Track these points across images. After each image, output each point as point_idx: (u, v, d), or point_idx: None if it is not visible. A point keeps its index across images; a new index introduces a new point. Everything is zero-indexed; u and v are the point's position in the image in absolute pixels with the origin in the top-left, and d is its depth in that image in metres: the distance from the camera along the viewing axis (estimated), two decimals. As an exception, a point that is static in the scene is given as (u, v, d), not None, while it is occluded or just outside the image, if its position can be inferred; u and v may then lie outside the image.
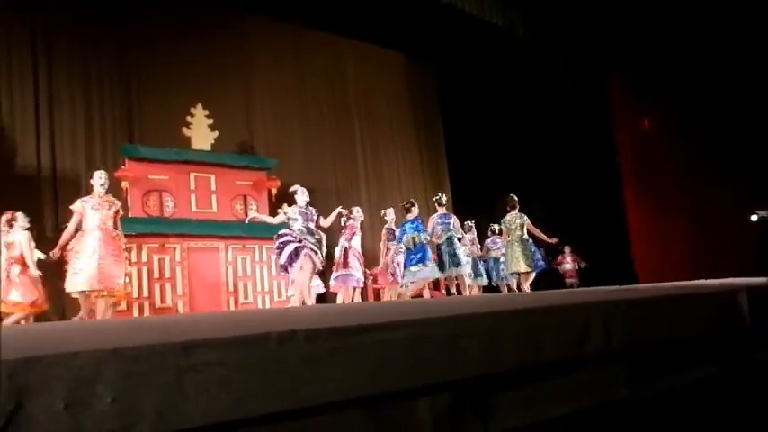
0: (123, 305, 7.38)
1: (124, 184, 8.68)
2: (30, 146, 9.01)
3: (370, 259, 10.19)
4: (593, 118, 12.11)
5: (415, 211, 7.72)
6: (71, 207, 6.38)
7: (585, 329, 1.41)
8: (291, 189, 7.33)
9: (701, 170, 10.50)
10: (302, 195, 7.13)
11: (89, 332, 1.63)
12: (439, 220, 7.91)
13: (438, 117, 14.09)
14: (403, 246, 7.67)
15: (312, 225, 6.99)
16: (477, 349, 1.27)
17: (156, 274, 8.21)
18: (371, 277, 10.27)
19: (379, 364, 1.13)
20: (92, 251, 6.00)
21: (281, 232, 7.04)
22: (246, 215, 9.45)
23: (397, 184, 13.14)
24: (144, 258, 8.16)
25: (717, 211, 10.10)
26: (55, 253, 6.18)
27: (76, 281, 5.94)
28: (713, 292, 2.03)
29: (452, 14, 10.54)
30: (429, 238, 7.63)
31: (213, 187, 9.32)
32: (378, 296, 10.40)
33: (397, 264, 8.39)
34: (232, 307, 8.83)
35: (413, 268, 7.47)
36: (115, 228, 6.41)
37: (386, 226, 8.82)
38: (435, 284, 9.61)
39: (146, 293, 8.08)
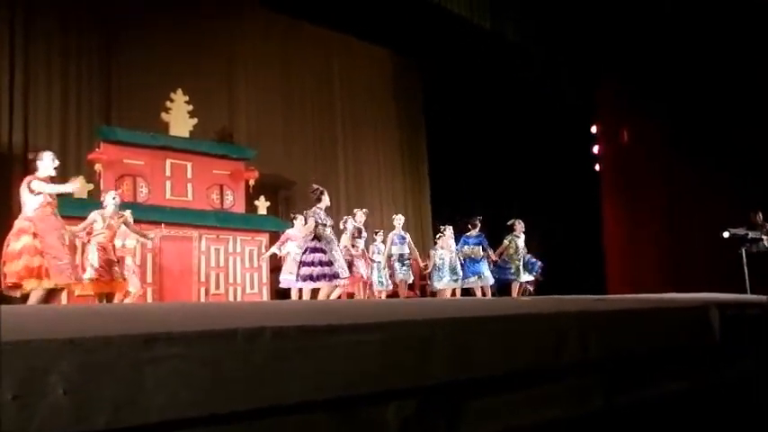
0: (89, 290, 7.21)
1: (98, 167, 8.53)
2: (2, 123, 8.81)
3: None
4: (576, 126, 12.21)
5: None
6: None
7: (561, 339, 1.39)
8: (314, 187, 7.03)
9: (678, 185, 10.65)
10: (326, 198, 6.95)
11: (46, 319, 1.58)
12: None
13: (421, 117, 14.10)
14: (462, 254, 9.21)
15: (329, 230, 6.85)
16: (449, 354, 1.24)
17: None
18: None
19: (347, 366, 1.11)
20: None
21: (315, 245, 6.74)
22: (222, 205, 9.36)
23: (376, 182, 13.13)
24: (115, 243, 8.01)
25: (690, 226, 10.25)
26: None
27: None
28: (686, 307, 2.04)
29: (441, 15, 10.54)
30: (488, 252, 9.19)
31: (189, 175, 9.20)
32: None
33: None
34: (203, 297, 8.73)
35: (478, 275, 9.07)
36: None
37: (355, 225, 8.64)
38: (410, 285, 9.63)
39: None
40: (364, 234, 8.48)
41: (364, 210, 8.57)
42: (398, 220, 8.89)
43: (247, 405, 1.01)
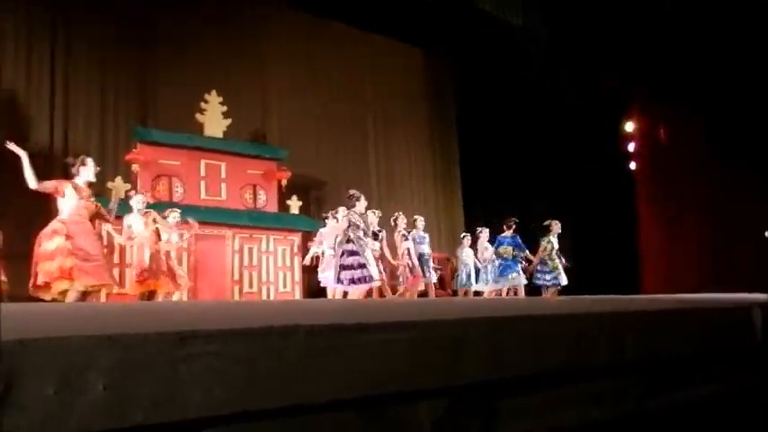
0: (127, 287, 7.36)
1: (135, 168, 8.70)
2: (43, 125, 9.06)
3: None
4: (610, 124, 12.01)
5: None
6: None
7: (595, 340, 1.37)
8: (351, 192, 7.09)
9: (717, 183, 10.40)
10: (363, 202, 7.00)
11: (86, 317, 1.61)
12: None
13: (452, 116, 14.03)
14: (496, 255, 9.34)
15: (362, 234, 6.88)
16: (481, 354, 1.23)
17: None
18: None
19: (379, 365, 1.11)
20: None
21: (351, 248, 6.79)
22: (255, 204, 9.47)
23: (408, 182, 13.10)
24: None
25: (730, 225, 10.00)
26: None
27: None
28: (727, 307, 1.99)
29: (473, 13, 10.48)
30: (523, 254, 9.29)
31: (223, 175, 9.32)
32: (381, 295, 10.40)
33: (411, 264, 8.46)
34: (236, 296, 8.83)
35: (512, 275, 9.14)
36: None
37: (399, 230, 8.70)
38: (442, 285, 9.62)
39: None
40: (381, 235, 8.49)
41: (375, 210, 8.47)
42: (420, 220, 8.98)
43: (280, 403, 1.01)
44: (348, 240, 6.77)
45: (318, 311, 1.83)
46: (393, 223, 8.72)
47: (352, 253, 6.70)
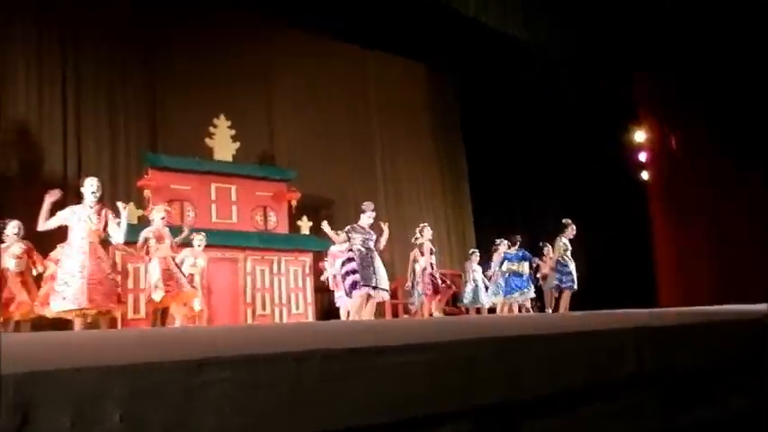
0: (142, 312, 7.38)
1: (146, 193, 8.76)
2: (57, 153, 9.17)
3: (388, 273, 10.15)
4: (620, 134, 11.96)
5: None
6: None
7: (616, 357, 1.35)
8: (363, 206, 7.16)
9: (731, 192, 10.30)
10: (368, 215, 7.05)
11: (99, 345, 1.61)
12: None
13: (459, 130, 14.07)
14: (505, 271, 9.27)
15: (372, 245, 6.93)
16: (500, 374, 1.21)
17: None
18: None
19: (397, 388, 1.09)
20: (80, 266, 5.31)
21: (349, 256, 6.88)
22: (266, 226, 9.50)
23: (416, 198, 13.11)
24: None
25: (746, 235, 9.88)
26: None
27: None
28: (746, 319, 1.96)
29: (476, 28, 10.51)
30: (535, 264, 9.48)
31: (234, 198, 9.37)
32: (395, 311, 10.37)
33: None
34: (249, 319, 8.82)
35: (521, 291, 9.12)
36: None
37: (421, 241, 8.72)
38: (455, 302, 9.61)
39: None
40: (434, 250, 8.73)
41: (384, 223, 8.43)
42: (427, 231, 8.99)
43: (297, 429, 1.00)
44: (350, 250, 6.88)
45: (334, 334, 1.82)
46: (419, 234, 8.77)
47: (350, 260, 6.81)
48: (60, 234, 5.76)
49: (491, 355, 1.20)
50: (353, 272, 6.75)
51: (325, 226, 7.31)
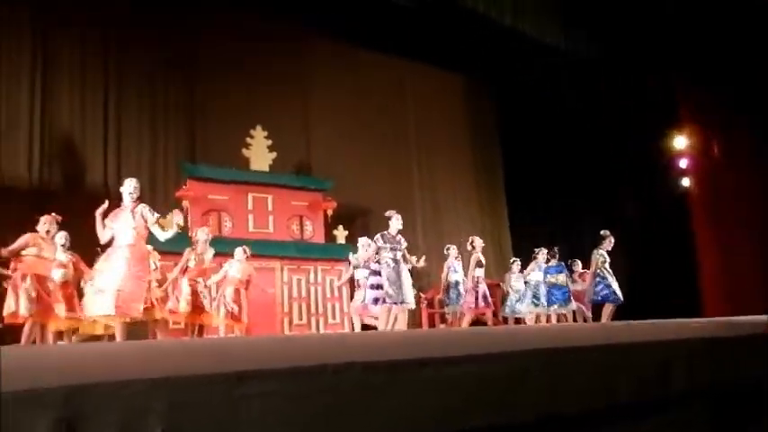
0: (181, 324, 7.46)
1: (185, 204, 8.90)
2: (98, 163, 9.39)
3: (425, 282, 10.12)
4: (660, 141, 11.70)
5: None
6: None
7: (665, 369, 1.30)
8: (387, 214, 7.11)
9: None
10: (396, 219, 7.05)
11: (142, 357, 1.63)
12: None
13: (496, 140, 13.96)
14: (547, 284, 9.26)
15: (399, 254, 6.90)
16: (546, 387, 1.18)
17: (213, 293, 8.31)
18: (426, 301, 10.19)
19: (439, 401, 1.07)
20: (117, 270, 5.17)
21: (375, 268, 6.91)
22: (302, 235, 9.57)
23: (452, 207, 13.04)
24: (202, 276, 8.30)
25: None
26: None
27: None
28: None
29: (513, 37, 10.45)
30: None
31: (270, 208, 9.46)
32: (432, 320, 10.30)
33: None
34: (286, 328, 8.87)
35: (560, 303, 9.11)
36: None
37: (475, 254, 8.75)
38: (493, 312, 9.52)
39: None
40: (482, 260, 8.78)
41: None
42: (453, 248, 8.95)
43: (338, 441, 0.99)
44: (377, 261, 6.87)
45: (375, 345, 1.81)
46: (470, 246, 8.80)
47: (375, 273, 6.80)
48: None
49: (536, 367, 1.18)
50: (379, 287, 6.74)
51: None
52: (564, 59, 11.12)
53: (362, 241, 8.01)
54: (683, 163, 11.73)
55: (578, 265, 9.66)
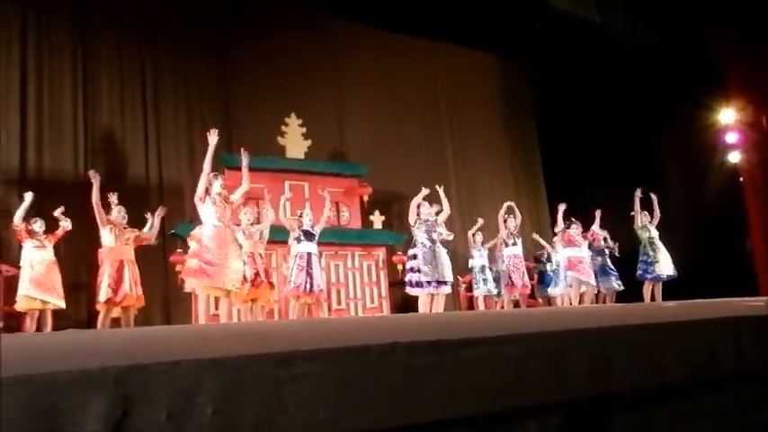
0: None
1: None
2: (139, 156, 9.60)
3: (462, 265, 10.07)
4: (705, 115, 11.32)
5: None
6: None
7: (714, 348, 1.27)
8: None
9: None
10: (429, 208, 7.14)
11: (189, 339, 1.66)
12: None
13: (532, 121, 13.76)
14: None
15: (435, 235, 6.98)
16: (591, 368, 1.17)
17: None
18: (464, 284, 10.17)
19: (483, 382, 1.07)
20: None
21: (413, 252, 7.07)
22: (339, 221, 9.63)
23: (488, 190, 12.92)
24: (241, 264, 8.43)
25: None
26: None
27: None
28: None
29: (547, 13, 10.23)
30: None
31: (307, 194, 9.53)
32: (470, 303, 10.27)
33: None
34: (325, 313, 8.95)
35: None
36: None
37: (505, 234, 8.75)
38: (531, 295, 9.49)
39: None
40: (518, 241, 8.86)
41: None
42: (478, 234, 9.10)
43: (381, 424, 0.99)
44: (413, 245, 7.01)
45: (417, 326, 1.81)
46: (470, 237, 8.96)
47: (413, 257, 6.85)
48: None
49: (581, 346, 1.16)
50: (416, 270, 6.82)
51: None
52: (599, 35, 10.85)
53: None
54: (732, 137, 11.33)
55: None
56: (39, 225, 7.08)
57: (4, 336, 5.39)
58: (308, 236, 7.37)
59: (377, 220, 10.00)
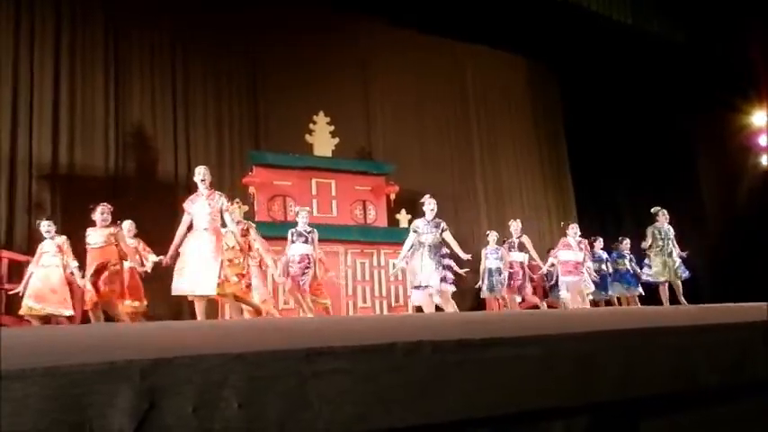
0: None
1: (251, 190, 9.13)
2: (168, 152, 9.75)
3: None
4: (735, 118, 11.08)
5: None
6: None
7: (744, 352, 1.24)
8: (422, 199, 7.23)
9: None
10: (428, 204, 7.08)
11: (216, 334, 1.68)
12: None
13: (560, 122, 13.63)
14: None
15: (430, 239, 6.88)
16: (618, 370, 1.15)
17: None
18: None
19: (509, 381, 1.05)
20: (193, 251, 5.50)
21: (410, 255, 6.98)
22: (365, 219, 9.65)
23: (517, 192, 12.84)
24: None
25: None
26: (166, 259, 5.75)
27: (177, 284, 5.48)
28: None
29: (578, 14, 10.10)
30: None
31: (334, 192, 9.57)
32: (491, 304, 10.21)
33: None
34: (351, 311, 8.99)
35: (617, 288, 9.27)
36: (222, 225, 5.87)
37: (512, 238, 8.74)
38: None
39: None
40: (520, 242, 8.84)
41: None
42: (492, 234, 8.97)
43: (406, 421, 0.99)
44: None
45: (443, 325, 1.80)
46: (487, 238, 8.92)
47: (412, 260, 6.82)
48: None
49: (608, 348, 1.14)
50: (412, 272, 6.83)
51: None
52: (631, 37, 10.67)
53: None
54: (765, 140, 11.08)
55: (627, 242, 9.55)
56: (46, 227, 6.70)
57: (31, 328, 5.50)
58: (300, 236, 7.24)
59: (403, 218, 9.99)
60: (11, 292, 6.83)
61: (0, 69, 8.72)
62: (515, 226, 8.79)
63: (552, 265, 8.79)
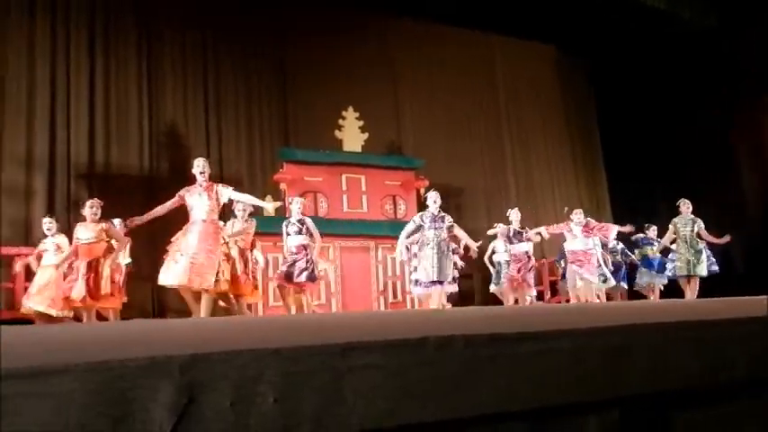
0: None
1: (282, 187, 9.20)
2: (200, 151, 9.87)
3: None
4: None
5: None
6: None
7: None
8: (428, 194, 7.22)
9: None
10: (432, 198, 7.02)
11: (251, 330, 1.70)
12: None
13: (593, 113, 13.42)
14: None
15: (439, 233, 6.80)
16: (649, 363, 1.14)
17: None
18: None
19: (541, 375, 1.06)
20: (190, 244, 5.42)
21: (414, 251, 7.06)
22: (396, 214, 9.65)
23: (548, 184, 12.70)
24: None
25: None
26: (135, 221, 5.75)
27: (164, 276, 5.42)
28: None
29: (609, 1, 9.91)
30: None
31: (363, 188, 9.60)
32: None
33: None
34: (382, 306, 9.01)
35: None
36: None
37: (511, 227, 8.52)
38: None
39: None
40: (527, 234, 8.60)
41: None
42: (500, 227, 8.80)
43: (438, 416, 0.99)
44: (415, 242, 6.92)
45: (474, 319, 1.80)
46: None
47: (414, 256, 6.78)
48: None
49: (641, 342, 1.13)
50: (414, 269, 6.78)
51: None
52: (664, 23, 10.43)
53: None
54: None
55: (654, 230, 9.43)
56: (47, 224, 6.62)
57: (74, 324, 5.61)
58: (294, 228, 7.08)
59: (433, 213, 9.96)
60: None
61: (38, 73, 8.95)
62: (515, 216, 8.43)
63: (538, 233, 8.48)
